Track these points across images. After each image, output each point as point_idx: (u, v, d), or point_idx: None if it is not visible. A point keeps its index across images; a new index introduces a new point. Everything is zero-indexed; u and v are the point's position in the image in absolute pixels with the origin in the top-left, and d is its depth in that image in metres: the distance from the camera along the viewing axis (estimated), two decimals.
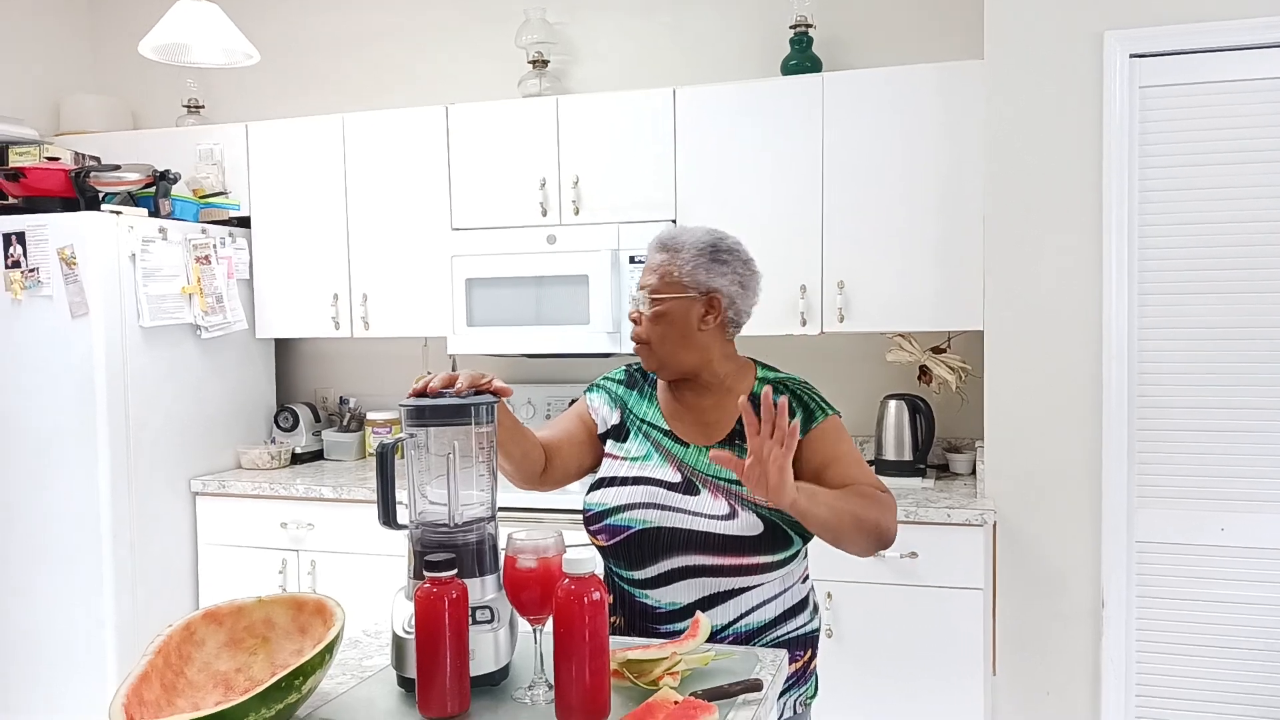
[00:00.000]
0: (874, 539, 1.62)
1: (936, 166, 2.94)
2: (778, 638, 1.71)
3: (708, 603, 1.67)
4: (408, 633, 1.39)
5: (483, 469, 1.51)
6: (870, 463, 3.26)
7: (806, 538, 1.70)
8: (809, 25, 3.23)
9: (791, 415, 1.68)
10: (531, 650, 1.45)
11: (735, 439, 1.72)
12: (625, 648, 1.46)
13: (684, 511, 1.67)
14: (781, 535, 1.65)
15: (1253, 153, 2.59)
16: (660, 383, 1.82)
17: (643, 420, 1.80)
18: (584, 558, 1.30)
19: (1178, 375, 2.67)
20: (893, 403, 3.10)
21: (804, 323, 3.06)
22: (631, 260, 3.10)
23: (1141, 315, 2.68)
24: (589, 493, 1.78)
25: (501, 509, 1.60)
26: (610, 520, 1.71)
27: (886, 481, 3.01)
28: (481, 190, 3.36)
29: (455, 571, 1.33)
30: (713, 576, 1.66)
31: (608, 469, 1.78)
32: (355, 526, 3.20)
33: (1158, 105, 2.65)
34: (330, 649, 1.30)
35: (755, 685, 1.39)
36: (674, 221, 3.15)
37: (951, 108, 2.91)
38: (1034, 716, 2.79)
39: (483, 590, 1.45)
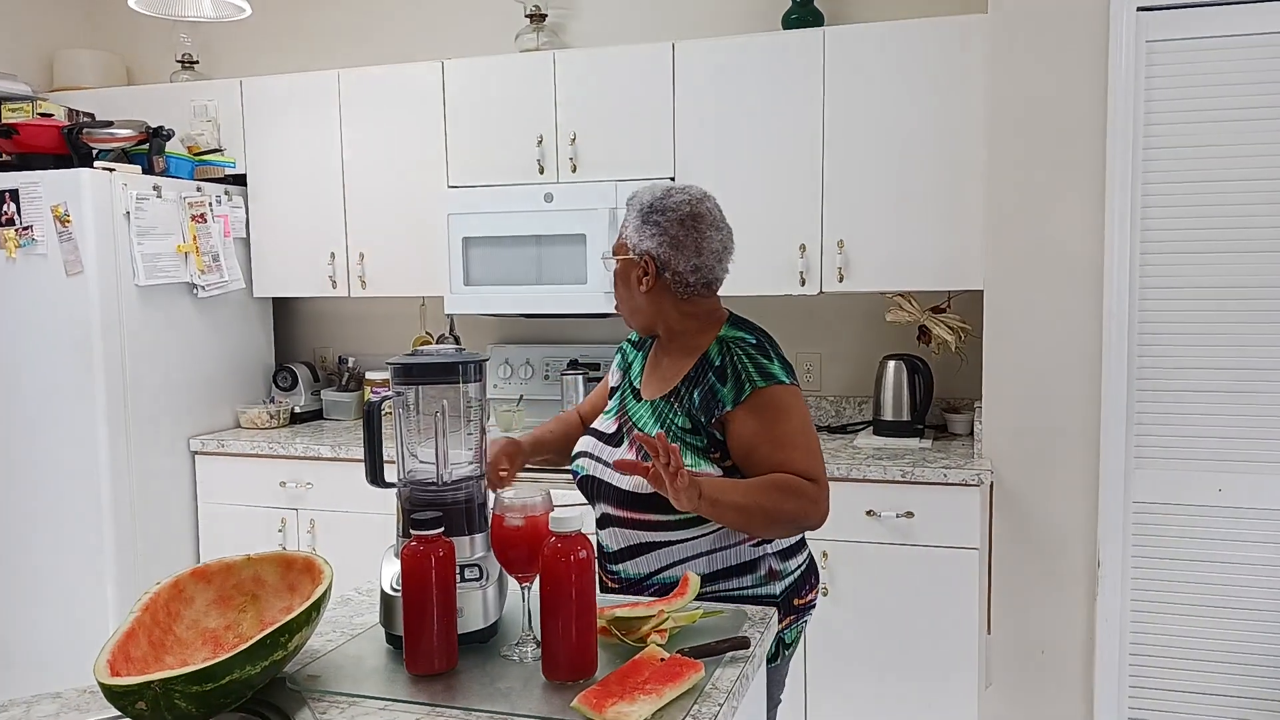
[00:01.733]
0: (791, 529, 1.65)
1: (938, 123, 2.89)
2: (706, 594, 1.69)
3: (630, 551, 1.73)
4: (395, 590, 1.39)
5: (471, 428, 1.50)
6: (868, 423, 3.26)
7: None
8: None
9: (723, 383, 1.68)
10: (520, 608, 1.45)
11: (676, 393, 1.72)
12: (613, 605, 1.46)
13: (603, 463, 1.75)
14: None
15: (1260, 109, 2.54)
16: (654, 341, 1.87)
17: (630, 377, 1.87)
18: (571, 516, 1.30)
19: (1178, 335, 2.64)
20: (892, 363, 3.08)
21: (803, 282, 3.03)
22: None
23: (1143, 275, 2.65)
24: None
25: None
26: (572, 465, 1.84)
27: (884, 441, 3.02)
28: (478, 147, 3.32)
29: (442, 530, 1.33)
30: (623, 527, 1.72)
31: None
32: (354, 485, 3.21)
33: (1164, 60, 2.59)
34: (317, 606, 1.30)
35: (742, 643, 1.39)
36: (672, 179, 3.12)
37: (954, 63, 2.86)
38: (1028, 675, 2.80)
39: (471, 548, 1.45)
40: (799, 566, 1.77)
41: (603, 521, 1.77)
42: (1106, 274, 2.65)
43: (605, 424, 1.81)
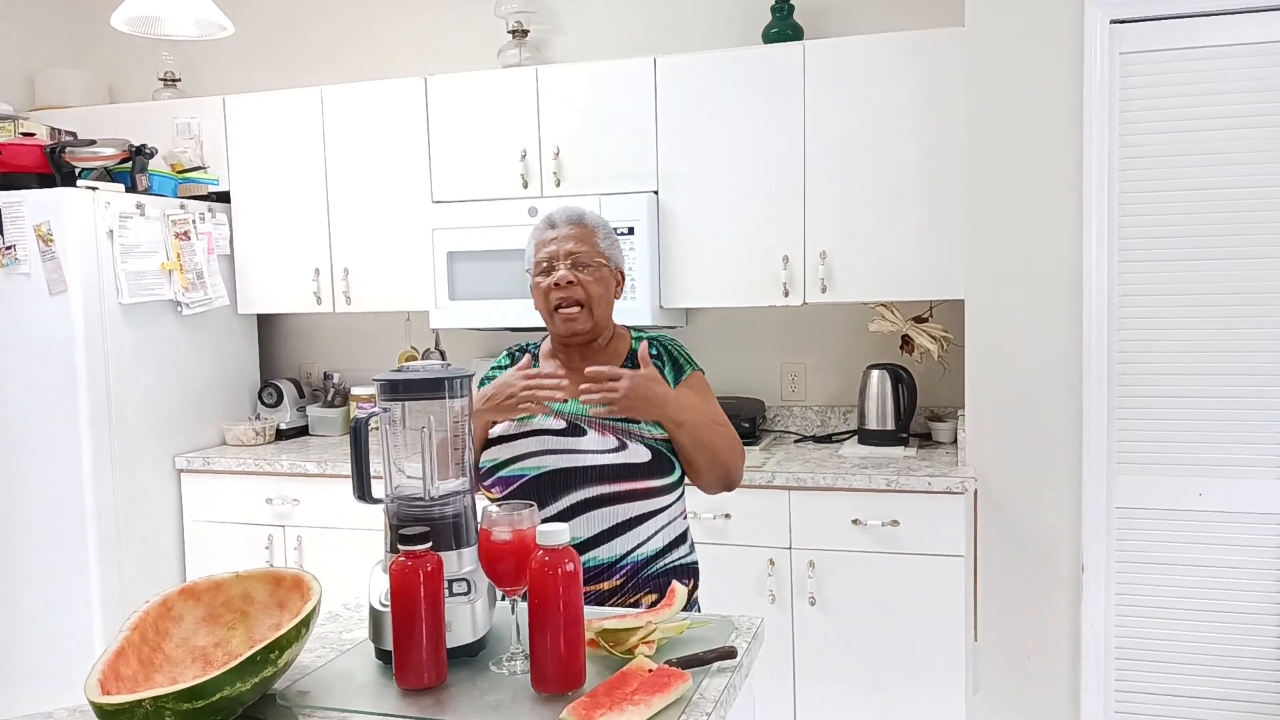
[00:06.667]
0: (725, 475, 1.87)
1: (918, 134, 2.93)
2: (664, 566, 1.87)
3: (608, 534, 1.81)
4: (384, 606, 1.40)
5: (458, 443, 1.51)
6: (852, 433, 3.29)
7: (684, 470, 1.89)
8: None
9: (662, 367, 1.90)
10: (509, 621, 1.46)
11: None
12: (601, 617, 1.47)
13: (575, 451, 1.82)
14: (666, 461, 1.84)
15: (1234, 119, 2.58)
16: (543, 353, 1.99)
17: None
18: (558, 529, 1.31)
19: (1157, 342, 2.68)
20: (875, 372, 3.11)
21: (786, 293, 3.05)
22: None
23: (1121, 282, 2.69)
24: (483, 451, 1.88)
25: None
26: (502, 473, 1.84)
27: (869, 450, 3.05)
28: (462, 162, 3.34)
29: (430, 545, 1.34)
30: (610, 505, 1.81)
31: (498, 429, 1.89)
32: (340, 502, 3.21)
33: (1139, 71, 2.64)
34: (306, 623, 1.31)
35: (730, 653, 1.40)
36: (655, 192, 3.14)
37: (933, 75, 2.90)
38: (1015, 681, 2.82)
39: (460, 563, 1.46)
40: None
41: (573, 511, 1.80)
42: (1086, 282, 2.68)
43: (545, 424, 1.85)
